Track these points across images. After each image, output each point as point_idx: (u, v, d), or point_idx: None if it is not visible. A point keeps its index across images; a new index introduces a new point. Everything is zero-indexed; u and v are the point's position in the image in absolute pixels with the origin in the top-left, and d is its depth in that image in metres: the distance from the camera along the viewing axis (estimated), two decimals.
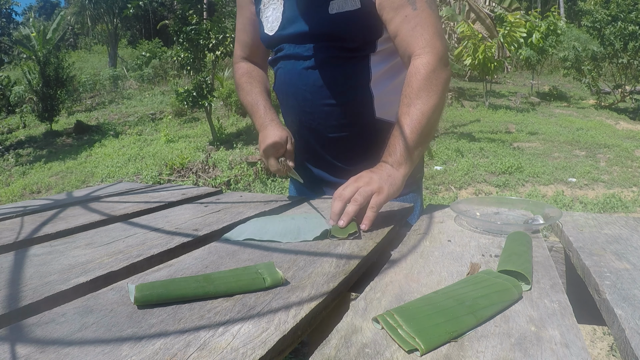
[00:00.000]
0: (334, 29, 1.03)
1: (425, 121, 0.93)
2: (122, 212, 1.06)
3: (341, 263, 0.66)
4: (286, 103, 1.19)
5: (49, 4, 42.72)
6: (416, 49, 0.96)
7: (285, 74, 1.14)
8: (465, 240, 0.78)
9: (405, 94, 0.95)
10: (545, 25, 10.44)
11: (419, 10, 0.96)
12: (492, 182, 5.32)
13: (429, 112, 0.93)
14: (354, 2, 1.00)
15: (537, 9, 12.47)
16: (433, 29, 0.97)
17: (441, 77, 0.95)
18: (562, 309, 0.51)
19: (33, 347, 0.44)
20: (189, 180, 6.07)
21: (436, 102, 0.94)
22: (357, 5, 1.00)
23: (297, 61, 1.10)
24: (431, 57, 0.95)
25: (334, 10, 1.02)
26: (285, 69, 1.14)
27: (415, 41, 0.96)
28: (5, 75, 12.66)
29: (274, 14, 1.13)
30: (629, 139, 7.91)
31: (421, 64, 0.95)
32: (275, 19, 1.13)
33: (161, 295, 0.53)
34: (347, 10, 1.01)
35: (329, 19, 1.02)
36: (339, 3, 1.01)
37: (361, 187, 0.85)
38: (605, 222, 0.89)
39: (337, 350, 0.42)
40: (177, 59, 8.13)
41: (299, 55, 1.09)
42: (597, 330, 2.43)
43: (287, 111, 1.21)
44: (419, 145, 0.94)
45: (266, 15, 1.15)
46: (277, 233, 0.80)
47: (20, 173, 8.03)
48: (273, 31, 1.13)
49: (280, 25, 1.11)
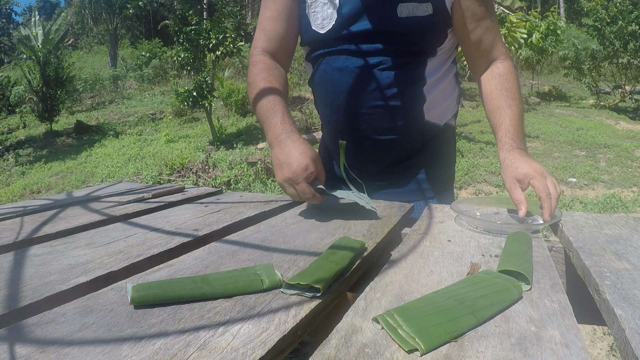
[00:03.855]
0: (402, 33, 1.02)
1: (523, 115, 1.06)
2: (122, 212, 1.06)
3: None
4: (331, 102, 1.12)
5: (49, 4, 42.74)
6: (500, 55, 1.10)
7: (334, 71, 1.08)
8: (465, 240, 0.78)
9: (507, 87, 1.05)
10: (545, 25, 10.44)
11: (494, 22, 1.08)
12: (492, 182, 5.31)
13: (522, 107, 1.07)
14: (426, 8, 1.00)
15: (537, 9, 12.47)
16: (502, 39, 1.13)
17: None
18: (562, 309, 0.51)
19: (33, 347, 0.44)
20: (189, 180, 6.07)
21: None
22: (430, 12, 1.00)
23: (351, 59, 1.06)
24: (511, 62, 1.10)
25: (403, 14, 1.00)
26: (335, 66, 1.08)
27: (498, 48, 1.10)
28: (5, 75, 12.67)
29: (324, 10, 1.06)
30: (629, 139, 7.90)
31: (509, 65, 1.09)
32: (328, 16, 1.06)
33: (158, 295, 0.53)
34: (417, 15, 1.00)
35: (398, 21, 1.01)
36: (410, 7, 1.00)
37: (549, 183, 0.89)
38: (605, 222, 0.89)
39: (337, 350, 0.42)
40: (177, 59, 8.12)
41: (355, 52, 1.05)
42: (597, 330, 2.43)
43: (329, 110, 1.15)
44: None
45: (314, 10, 1.07)
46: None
47: (20, 173, 8.03)
48: (325, 29, 1.06)
49: (336, 23, 1.05)
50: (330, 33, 1.06)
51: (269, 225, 0.89)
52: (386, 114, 1.08)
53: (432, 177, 1.17)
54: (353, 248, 0.68)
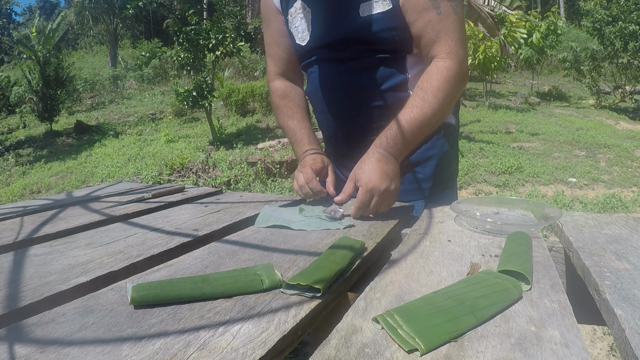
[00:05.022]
0: (366, 32, 1.01)
1: (431, 121, 0.97)
2: (122, 212, 1.06)
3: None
4: (321, 108, 1.16)
5: (49, 4, 42.73)
6: (439, 53, 0.98)
7: (320, 78, 1.12)
8: (465, 240, 0.78)
9: (423, 87, 0.97)
10: (545, 25, 10.44)
11: (443, 15, 0.96)
12: (492, 182, 5.31)
13: (438, 114, 0.97)
14: (385, 3, 0.99)
15: (537, 9, 12.47)
16: (457, 35, 0.97)
17: (460, 85, 0.99)
18: (562, 309, 0.51)
19: (33, 347, 0.44)
20: (189, 180, 6.07)
21: (447, 107, 0.98)
22: (389, 6, 0.99)
23: (332, 64, 1.08)
24: (454, 63, 0.97)
25: (364, 13, 1.00)
26: (321, 74, 1.11)
27: (439, 47, 0.98)
28: (5, 75, 12.67)
29: (302, 24, 1.11)
30: (629, 139, 7.91)
31: (444, 66, 0.96)
32: (305, 28, 1.10)
33: (157, 295, 0.53)
34: (378, 12, 0.99)
35: (360, 22, 1.01)
36: (369, 5, 1.00)
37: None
38: (605, 222, 0.89)
39: (337, 350, 0.42)
40: (177, 59, 8.13)
41: (335, 58, 1.07)
42: (597, 330, 2.43)
43: (321, 116, 1.18)
44: (415, 141, 1.00)
45: (295, 26, 1.13)
46: (303, 223, 0.88)
47: (20, 173, 8.04)
48: (305, 41, 1.11)
49: (312, 33, 1.09)
50: (309, 44, 1.11)
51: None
52: (373, 115, 1.09)
53: (432, 176, 1.17)
54: (353, 248, 0.68)
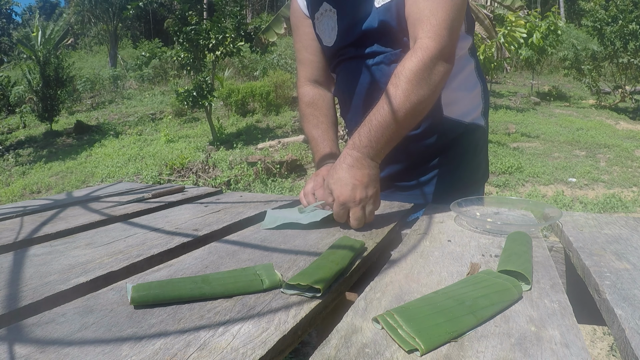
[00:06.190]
0: (385, 22, 0.98)
1: (409, 110, 0.85)
2: (122, 212, 1.06)
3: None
4: (349, 104, 1.14)
5: (49, 4, 42.75)
6: (420, 32, 0.88)
7: (347, 75, 1.11)
8: (465, 240, 0.78)
9: (395, 73, 0.87)
10: (545, 25, 10.44)
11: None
12: (492, 182, 5.31)
13: (415, 100, 0.85)
14: None
15: (537, 9, 12.47)
16: (444, 15, 0.87)
17: (438, 71, 0.87)
18: (562, 309, 0.51)
19: (33, 347, 0.44)
20: (189, 180, 6.07)
21: (427, 94, 0.86)
22: None
23: (359, 61, 1.07)
24: (432, 43, 0.86)
25: (379, 3, 0.98)
26: (348, 70, 1.11)
27: (420, 27, 0.88)
28: (5, 75, 12.66)
29: (328, 25, 1.10)
30: (629, 139, 7.91)
31: (421, 46, 0.86)
32: (332, 29, 1.09)
33: (158, 295, 0.53)
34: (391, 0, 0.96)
35: (377, 12, 0.99)
36: None
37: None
38: (605, 222, 0.89)
39: (337, 350, 0.42)
40: (177, 59, 8.13)
41: (360, 55, 1.06)
42: (597, 330, 2.43)
43: (349, 113, 1.16)
44: (394, 135, 0.87)
45: (322, 29, 1.12)
46: (309, 216, 0.87)
47: (20, 173, 8.04)
48: (332, 42, 1.10)
49: (338, 34, 1.08)
50: (336, 44, 1.10)
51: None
52: None
53: (457, 179, 1.14)
54: (353, 248, 0.68)
